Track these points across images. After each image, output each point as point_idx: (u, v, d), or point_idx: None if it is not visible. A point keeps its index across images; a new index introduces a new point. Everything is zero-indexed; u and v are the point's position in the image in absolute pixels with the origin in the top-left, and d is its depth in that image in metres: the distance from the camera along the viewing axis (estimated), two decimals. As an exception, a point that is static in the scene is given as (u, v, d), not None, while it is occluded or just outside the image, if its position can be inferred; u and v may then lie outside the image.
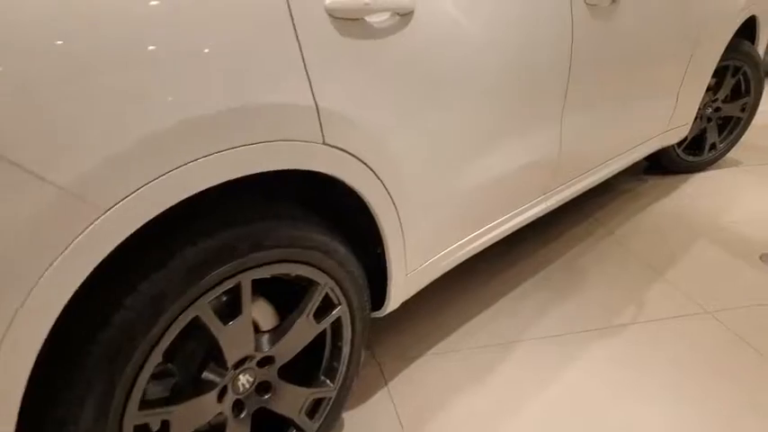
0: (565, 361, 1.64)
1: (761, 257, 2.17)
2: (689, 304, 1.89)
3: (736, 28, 2.51)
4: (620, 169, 2.27)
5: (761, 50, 2.96)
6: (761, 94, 2.90)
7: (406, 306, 1.88)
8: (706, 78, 2.50)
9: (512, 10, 1.39)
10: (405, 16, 1.14)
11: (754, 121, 3.46)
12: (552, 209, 1.93)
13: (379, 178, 1.17)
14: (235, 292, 1.02)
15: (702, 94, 2.55)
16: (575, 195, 2.02)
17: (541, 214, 1.86)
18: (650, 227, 2.41)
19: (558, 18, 1.54)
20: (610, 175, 2.21)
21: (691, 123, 2.61)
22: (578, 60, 1.66)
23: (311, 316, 1.17)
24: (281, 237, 1.03)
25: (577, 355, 1.65)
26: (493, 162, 1.50)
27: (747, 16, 2.59)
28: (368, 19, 1.07)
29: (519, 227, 1.77)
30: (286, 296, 1.16)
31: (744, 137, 3.35)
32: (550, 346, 1.70)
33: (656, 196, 2.69)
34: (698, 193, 2.72)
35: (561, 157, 1.79)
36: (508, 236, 2.29)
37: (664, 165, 2.88)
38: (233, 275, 0.98)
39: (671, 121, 2.42)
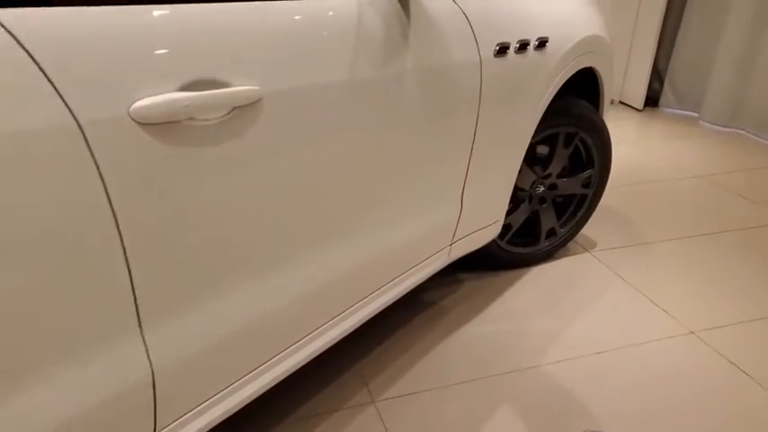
0: None
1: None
2: None
3: (551, 92, 1.79)
4: (373, 313, 1.52)
5: (605, 106, 2.27)
6: (609, 163, 2.22)
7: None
8: (509, 167, 1.78)
9: None
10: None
11: (615, 181, 2.83)
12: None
13: None
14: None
15: (510, 185, 1.83)
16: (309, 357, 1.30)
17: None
18: (452, 376, 1.68)
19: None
20: (355, 327, 1.46)
21: (501, 220, 1.89)
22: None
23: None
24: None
25: None
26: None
27: (575, 71, 1.89)
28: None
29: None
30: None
31: (605, 201, 2.68)
32: None
33: (465, 315, 1.96)
34: (527, 305, 2.01)
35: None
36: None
37: (485, 261, 2.16)
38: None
39: (459, 230, 1.69)
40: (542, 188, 2.12)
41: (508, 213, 2.08)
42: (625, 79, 4.42)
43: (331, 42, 1.11)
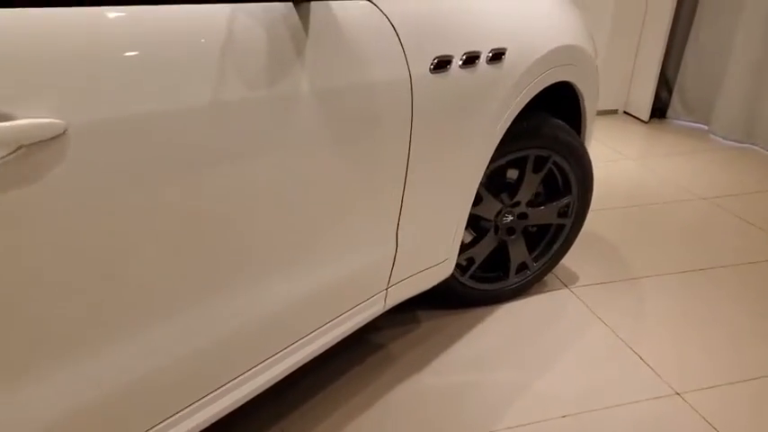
0: None
1: None
2: None
3: (513, 111, 1.54)
4: (295, 367, 1.29)
5: (589, 135, 2.01)
6: (590, 189, 1.95)
7: None
8: (459, 197, 1.53)
9: None
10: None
11: (607, 202, 2.55)
12: None
13: None
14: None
15: (462, 217, 1.58)
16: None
17: None
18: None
19: None
20: (273, 381, 1.23)
21: (453, 258, 1.64)
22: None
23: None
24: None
25: None
26: None
27: (544, 86, 1.63)
28: None
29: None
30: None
31: (593, 226, 2.42)
32: None
33: (417, 362, 1.71)
34: (490, 352, 1.76)
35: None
36: None
37: (445, 298, 1.91)
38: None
39: (396, 273, 1.44)
40: (510, 218, 1.86)
41: (470, 246, 1.83)
42: (630, 88, 4.12)
43: (185, 59, 0.88)
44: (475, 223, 1.85)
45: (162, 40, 0.86)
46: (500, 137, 1.55)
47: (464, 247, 1.82)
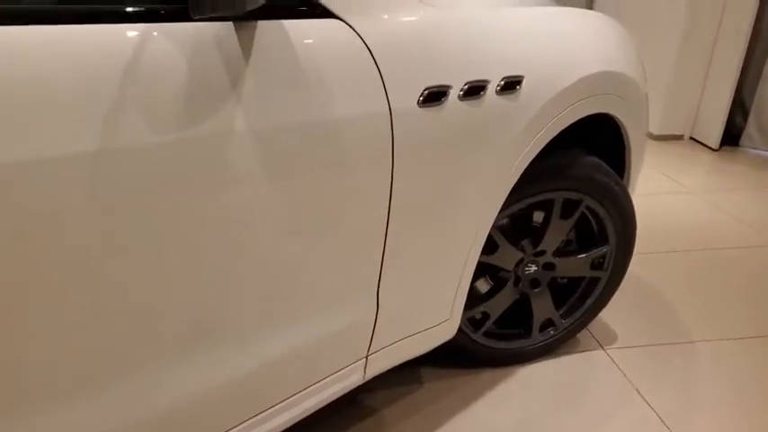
0: None
1: None
2: None
3: (533, 148, 1.29)
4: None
5: (635, 174, 1.72)
6: (631, 238, 1.66)
7: None
8: (459, 249, 1.29)
9: None
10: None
11: (659, 245, 2.20)
12: None
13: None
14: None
15: (465, 273, 1.33)
16: None
17: None
18: None
19: None
20: None
21: (456, 318, 1.39)
22: None
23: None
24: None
25: None
26: None
27: (575, 119, 1.37)
28: None
29: None
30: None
31: (638, 274, 2.10)
32: None
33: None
34: (502, 427, 1.50)
35: None
36: None
37: (455, 355, 1.67)
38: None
39: (378, 338, 1.22)
40: (534, 268, 1.60)
41: (485, 298, 1.58)
42: (699, 111, 3.73)
43: (66, 95, 0.69)
44: (493, 272, 1.60)
45: (35, 74, 0.67)
46: (515, 178, 1.30)
47: (478, 300, 1.57)
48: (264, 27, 0.87)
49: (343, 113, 0.94)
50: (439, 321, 1.33)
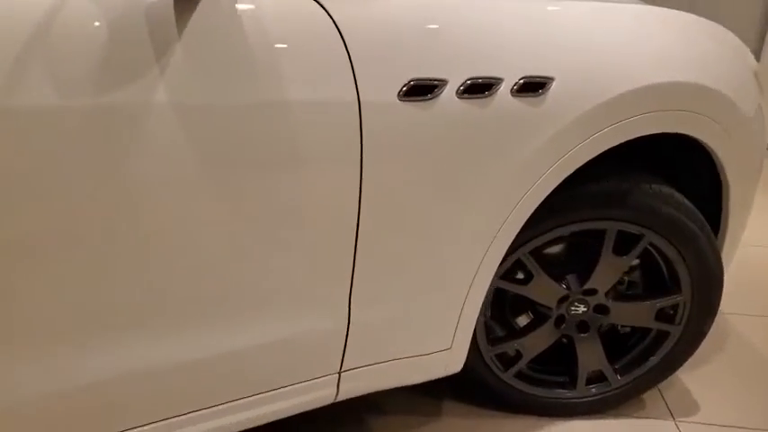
0: None
1: None
2: None
3: (560, 169, 1.10)
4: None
5: (739, 215, 1.41)
6: (715, 288, 1.37)
7: None
8: (460, 265, 1.13)
9: None
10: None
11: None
12: None
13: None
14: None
15: (473, 295, 1.16)
16: None
17: None
18: None
19: None
20: None
21: (461, 348, 1.23)
22: None
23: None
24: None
25: None
26: None
27: (632, 136, 1.16)
28: None
29: None
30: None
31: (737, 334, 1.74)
32: None
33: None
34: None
35: None
36: None
37: (476, 395, 1.49)
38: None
39: (352, 355, 1.11)
40: (583, 309, 1.37)
41: (519, 334, 1.39)
42: None
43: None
44: (533, 306, 1.41)
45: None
46: (538, 198, 1.11)
47: (513, 334, 1.39)
48: (210, 2, 0.82)
49: (295, 98, 0.86)
50: (435, 350, 1.18)
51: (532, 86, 1.02)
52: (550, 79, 1.03)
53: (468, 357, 1.34)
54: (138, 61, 0.77)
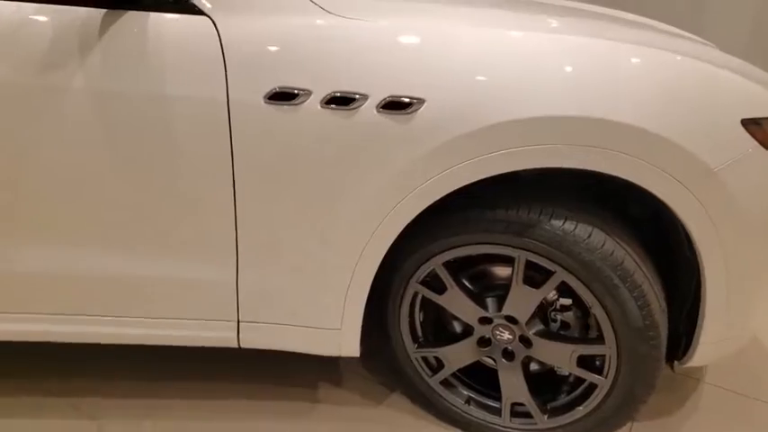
0: None
1: None
2: None
3: (433, 187, 1.17)
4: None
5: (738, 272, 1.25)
6: (647, 358, 1.25)
7: None
8: (317, 250, 1.27)
9: None
10: None
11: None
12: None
13: None
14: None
15: (357, 282, 1.29)
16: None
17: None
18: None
19: None
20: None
21: (351, 331, 1.36)
22: None
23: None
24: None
25: None
26: None
27: (519, 168, 1.17)
28: None
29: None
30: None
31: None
32: None
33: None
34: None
35: None
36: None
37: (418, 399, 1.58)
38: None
39: (246, 307, 1.34)
40: (507, 336, 1.38)
41: (442, 342, 1.46)
42: None
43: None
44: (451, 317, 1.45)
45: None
46: (410, 213, 1.19)
47: (434, 342, 1.46)
48: (131, 15, 1.13)
49: (178, 92, 1.13)
50: (324, 326, 1.34)
51: (398, 105, 1.11)
52: (420, 100, 1.11)
53: (398, 353, 1.47)
54: (68, 52, 1.12)
